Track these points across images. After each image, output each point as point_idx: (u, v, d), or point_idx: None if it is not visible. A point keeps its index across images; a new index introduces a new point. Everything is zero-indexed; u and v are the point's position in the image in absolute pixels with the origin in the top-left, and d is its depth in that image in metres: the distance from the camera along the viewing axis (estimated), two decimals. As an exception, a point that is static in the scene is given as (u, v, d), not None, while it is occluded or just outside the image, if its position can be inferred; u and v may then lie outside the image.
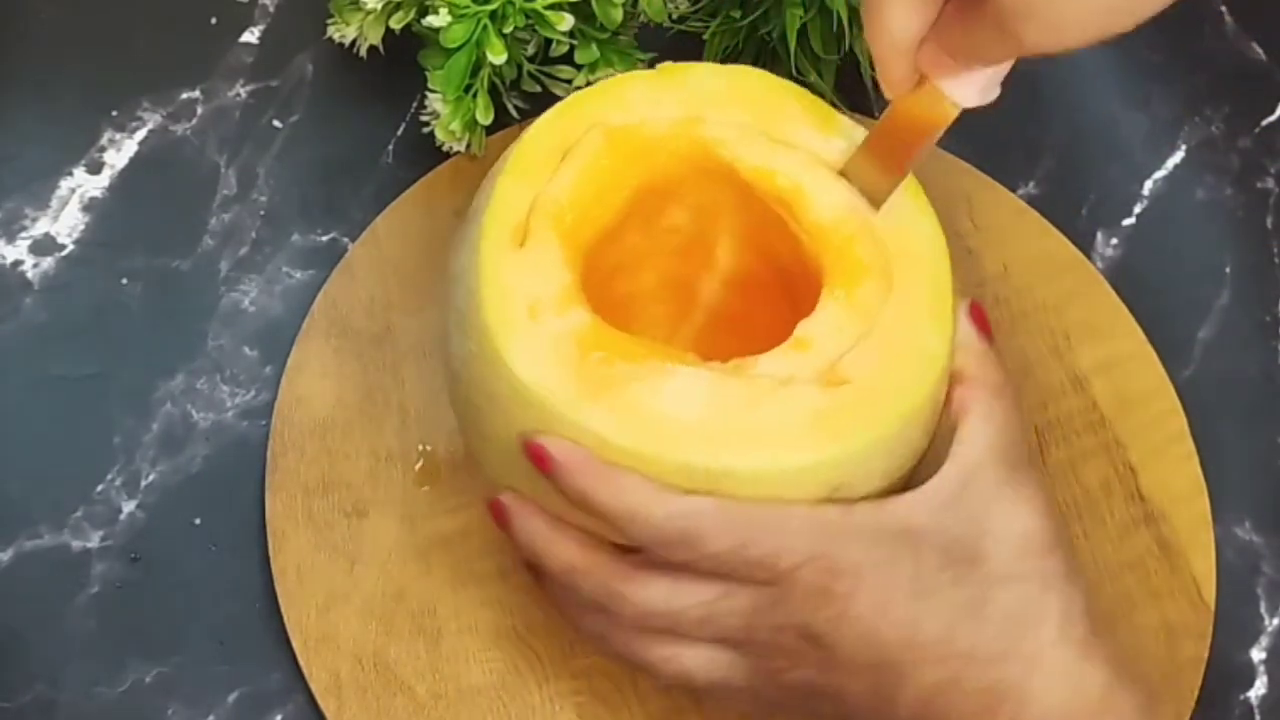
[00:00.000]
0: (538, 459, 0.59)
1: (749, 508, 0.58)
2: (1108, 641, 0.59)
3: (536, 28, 0.72)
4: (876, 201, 0.63)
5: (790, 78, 0.69)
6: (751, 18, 0.76)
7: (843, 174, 0.63)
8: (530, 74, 0.75)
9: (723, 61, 0.76)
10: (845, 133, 0.65)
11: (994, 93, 0.60)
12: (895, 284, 0.61)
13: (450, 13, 0.70)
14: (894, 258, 0.62)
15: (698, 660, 0.61)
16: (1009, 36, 0.53)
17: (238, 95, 0.80)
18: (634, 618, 0.61)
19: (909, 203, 0.63)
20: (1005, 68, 0.59)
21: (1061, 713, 0.57)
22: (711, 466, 0.58)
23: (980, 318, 0.63)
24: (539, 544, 0.62)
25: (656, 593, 0.60)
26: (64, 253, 0.76)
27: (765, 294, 0.67)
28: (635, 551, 0.61)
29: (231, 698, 0.69)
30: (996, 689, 0.57)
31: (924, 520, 0.59)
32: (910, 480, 0.62)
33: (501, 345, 0.59)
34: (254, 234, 0.77)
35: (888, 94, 0.61)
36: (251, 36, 0.81)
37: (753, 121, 0.64)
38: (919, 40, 0.58)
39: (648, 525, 0.59)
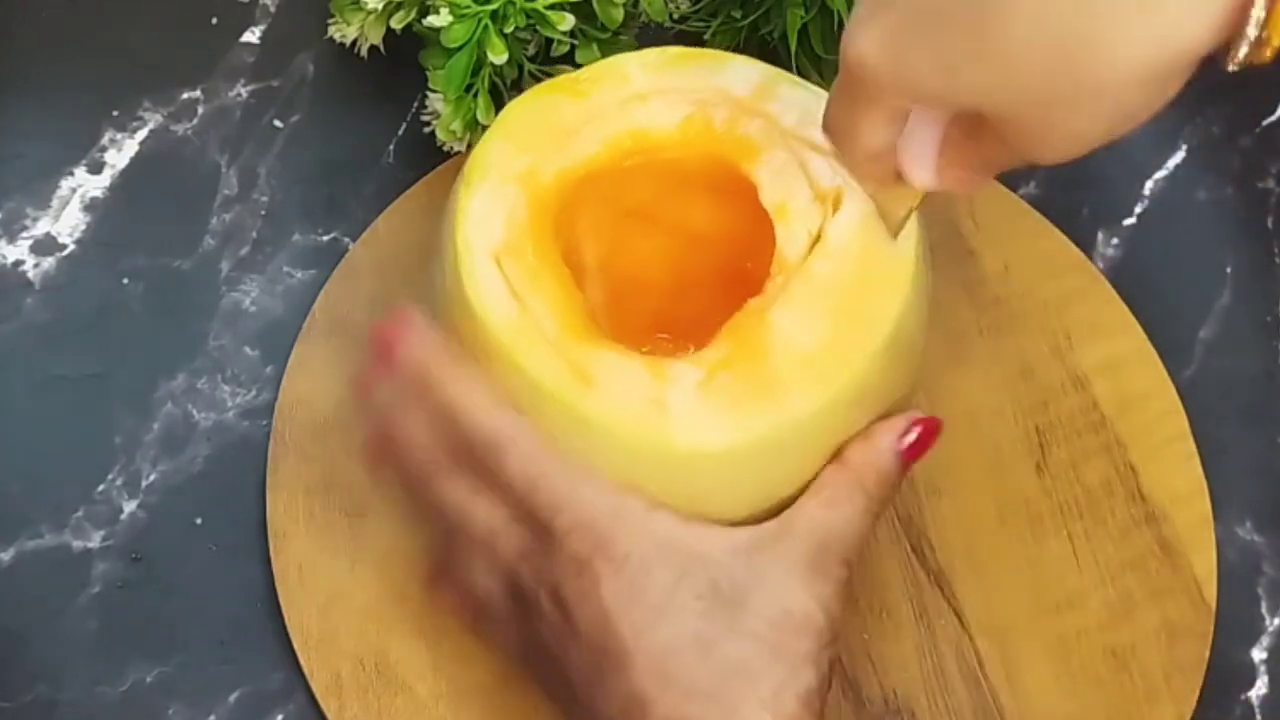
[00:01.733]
0: (382, 342, 0.62)
1: (560, 455, 0.60)
2: None
3: (537, 27, 0.72)
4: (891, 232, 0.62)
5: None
6: (752, 17, 0.77)
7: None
8: (531, 74, 0.75)
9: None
10: None
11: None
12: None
13: (451, 12, 0.70)
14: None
15: (479, 575, 0.63)
16: (1019, 154, 0.53)
17: (239, 95, 0.80)
18: (433, 505, 0.63)
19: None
20: None
21: None
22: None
23: (919, 436, 0.63)
24: (436, 371, 0.62)
25: (457, 487, 0.62)
26: (65, 252, 0.76)
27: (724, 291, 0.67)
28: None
29: (232, 698, 0.69)
30: None
31: (715, 554, 0.60)
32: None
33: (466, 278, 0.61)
34: (255, 234, 0.77)
35: (864, 190, 0.61)
36: (252, 36, 0.81)
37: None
38: (891, 149, 0.57)
39: (469, 422, 0.60)
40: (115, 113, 0.79)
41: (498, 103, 0.74)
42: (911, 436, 0.63)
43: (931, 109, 0.55)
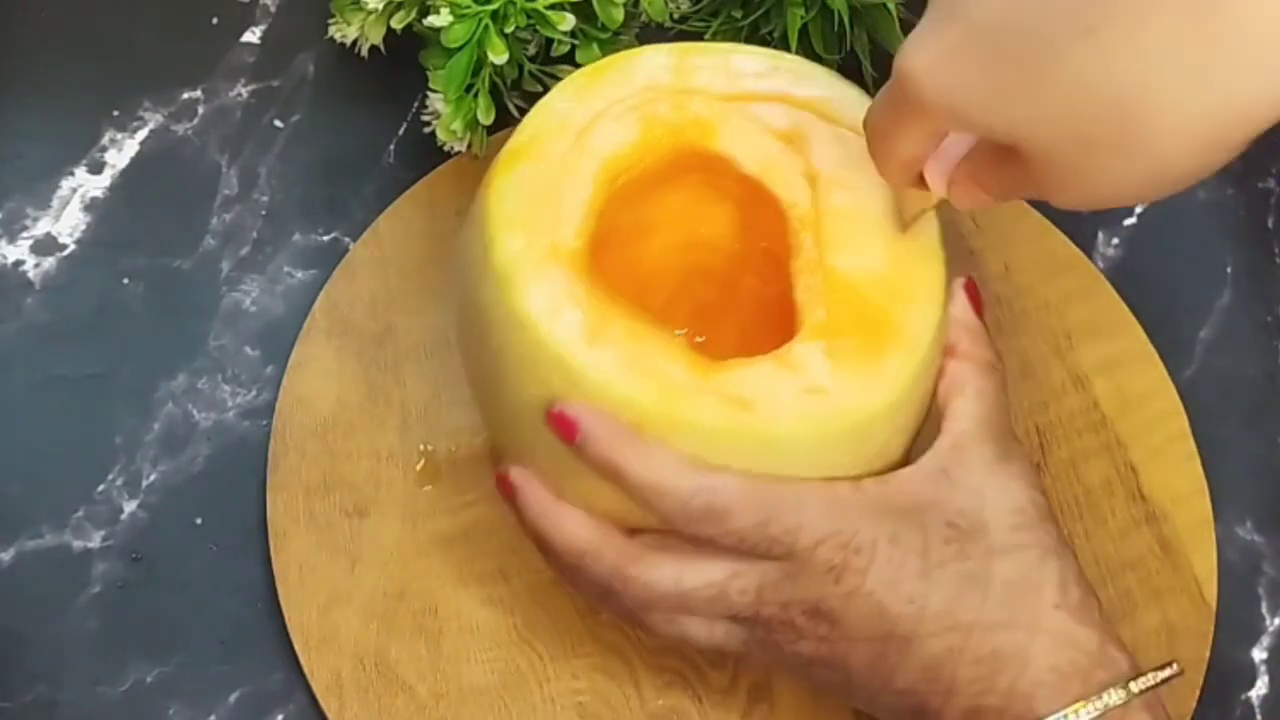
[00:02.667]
0: (563, 426, 0.59)
1: (771, 485, 0.59)
2: (1098, 605, 0.61)
3: (538, 27, 0.72)
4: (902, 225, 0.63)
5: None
6: (753, 17, 0.77)
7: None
8: (532, 74, 0.75)
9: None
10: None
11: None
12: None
13: (452, 12, 0.70)
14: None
15: (699, 629, 0.62)
16: (1042, 191, 0.53)
17: (239, 95, 0.80)
18: (642, 599, 0.61)
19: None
20: None
21: (1060, 674, 0.58)
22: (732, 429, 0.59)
23: (974, 294, 0.64)
24: (546, 522, 0.62)
25: (665, 575, 0.61)
26: (65, 252, 0.76)
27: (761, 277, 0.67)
28: (639, 532, 0.61)
29: (233, 697, 0.69)
30: (999, 655, 0.58)
31: (929, 493, 0.60)
32: (906, 457, 0.63)
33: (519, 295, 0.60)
34: (255, 234, 0.77)
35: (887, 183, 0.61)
36: (253, 36, 0.81)
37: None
38: (924, 161, 0.58)
39: (675, 498, 0.59)
40: (116, 113, 0.79)
41: (498, 103, 0.74)
42: (968, 298, 0.64)
43: (969, 134, 0.55)
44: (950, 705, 0.59)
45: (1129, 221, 0.80)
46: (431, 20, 0.71)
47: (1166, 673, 0.60)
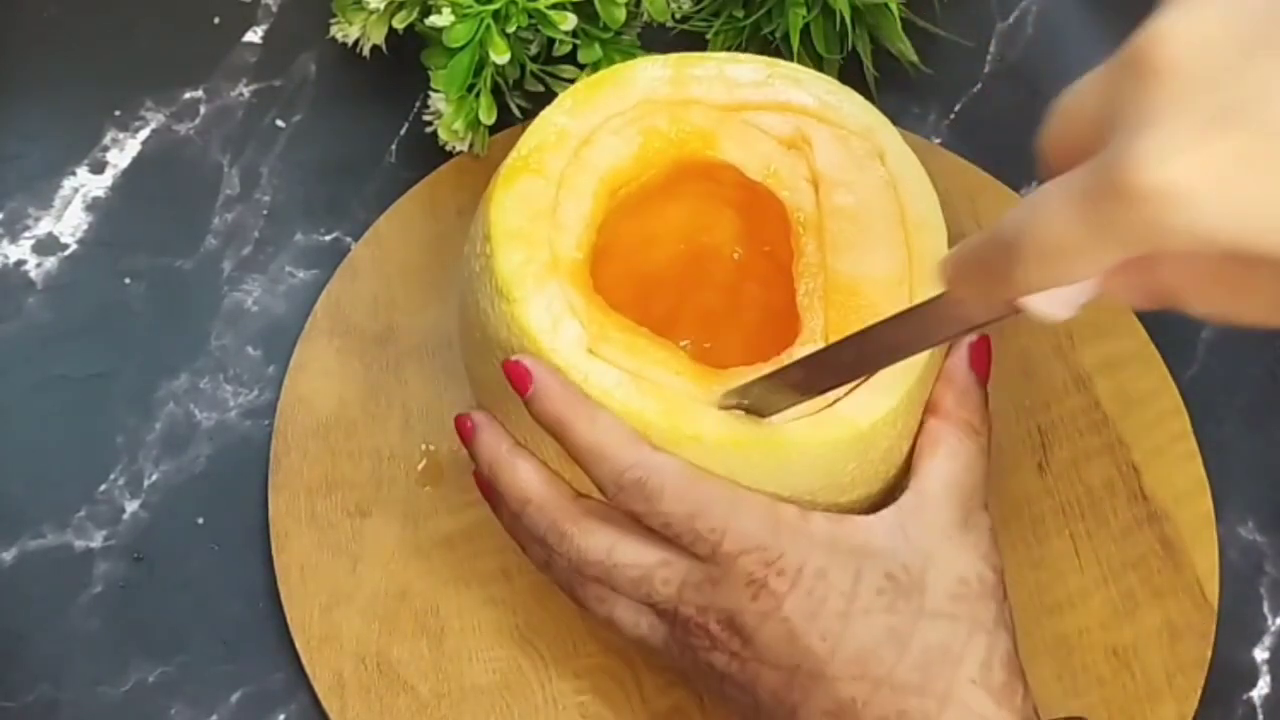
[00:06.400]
0: (517, 377, 0.60)
1: (712, 480, 0.59)
2: (1023, 692, 0.59)
3: (539, 27, 0.72)
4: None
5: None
6: (754, 17, 0.77)
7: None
8: (533, 73, 0.75)
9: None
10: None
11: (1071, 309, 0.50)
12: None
13: (453, 12, 0.70)
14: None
15: (626, 614, 0.62)
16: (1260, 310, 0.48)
17: (241, 95, 0.80)
18: (573, 561, 0.61)
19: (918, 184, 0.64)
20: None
21: None
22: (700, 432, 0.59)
23: (981, 356, 0.63)
24: (498, 465, 0.63)
25: (599, 542, 0.61)
26: (67, 252, 0.76)
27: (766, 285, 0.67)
28: (589, 497, 0.62)
29: (234, 697, 0.69)
30: (905, 717, 0.57)
31: (878, 543, 0.59)
32: (872, 506, 0.62)
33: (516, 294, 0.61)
34: (257, 233, 0.77)
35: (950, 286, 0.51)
36: (255, 36, 0.81)
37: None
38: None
39: (613, 467, 0.59)
40: (117, 112, 0.79)
41: (500, 102, 0.74)
42: (971, 359, 0.63)
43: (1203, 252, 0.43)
44: None
45: (1131, 221, 0.80)
46: (433, 20, 0.71)
47: None
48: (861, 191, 0.63)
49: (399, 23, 0.74)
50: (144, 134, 0.79)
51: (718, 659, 0.60)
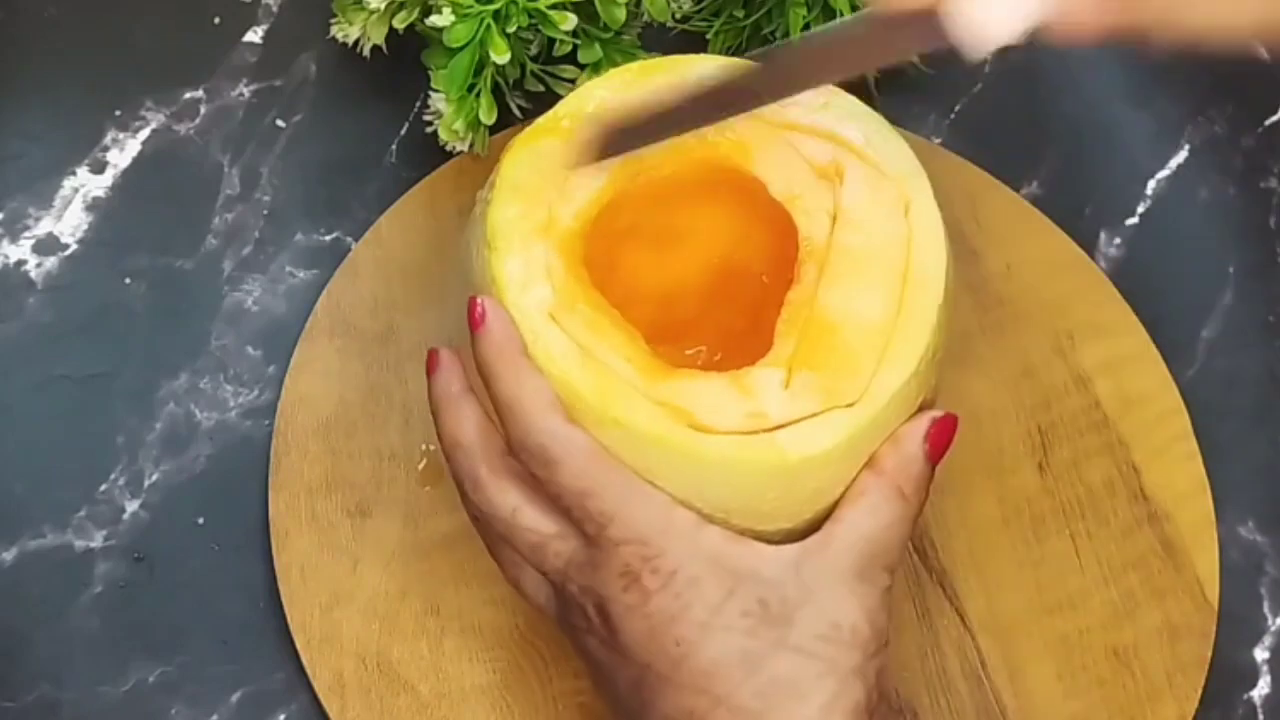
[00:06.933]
0: (473, 315, 0.60)
1: (614, 466, 0.59)
2: None
3: (540, 27, 0.72)
4: None
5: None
6: (755, 17, 0.77)
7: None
8: (533, 73, 0.75)
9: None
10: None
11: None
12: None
13: (454, 12, 0.70)
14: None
15: (530, 581, 0.62)
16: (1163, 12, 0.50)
17: (241, 95, 0.80)
18: (483, 514, 0.62)
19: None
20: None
21: None
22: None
23: (941, 433, 0.62)
24: (444, 401, 0.62)
25: (507, 500, 0.61)
26: (67, 252, 0.76)
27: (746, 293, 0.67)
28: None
29: (235, 697, 0.69)
30: None
31: (766, 571, 0.59)
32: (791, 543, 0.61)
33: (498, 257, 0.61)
34: (257, 233, 0.77)
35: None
36: (255, 36, 0.81)
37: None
38: None
39: (522, 425, 0.59)
40: (118, 112, 0.79)
41: (500, 102, 0.74)
42: (929, 435, 0.61)
43: None
44: None
45: (1131, 221, 0.80)
46: (433, 20, 0.71)
47: None
48: (875, 236, 0.62)
49: (399, 23, 0.74)
50: (144, 134, 0.79)
51: (590, 642, 0.60)
